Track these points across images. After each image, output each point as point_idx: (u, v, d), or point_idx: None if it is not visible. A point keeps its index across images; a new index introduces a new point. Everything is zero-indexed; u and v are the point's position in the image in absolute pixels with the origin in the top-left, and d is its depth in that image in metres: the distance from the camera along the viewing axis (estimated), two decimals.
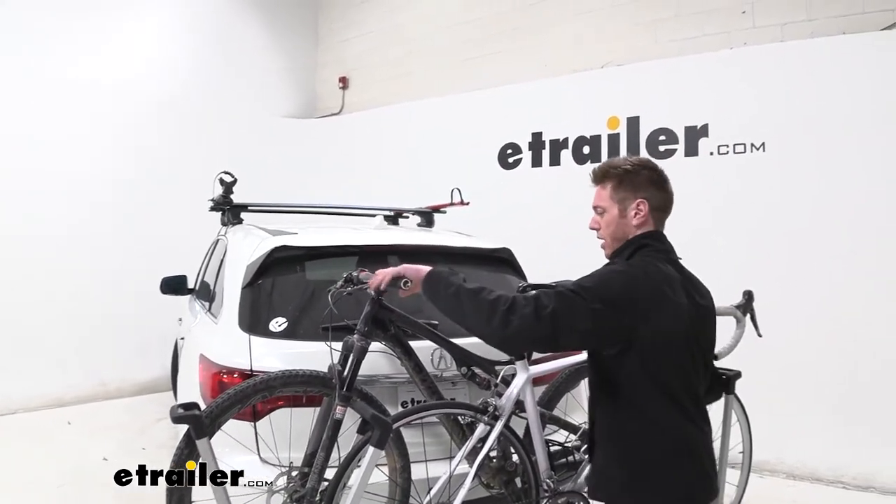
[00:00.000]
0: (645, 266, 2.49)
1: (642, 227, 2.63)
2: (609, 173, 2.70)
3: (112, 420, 7.32)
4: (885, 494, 5.71)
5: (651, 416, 2.42)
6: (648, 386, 2.41)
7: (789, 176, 6.29)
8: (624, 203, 2.64)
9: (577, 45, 8.04)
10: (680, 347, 2.45)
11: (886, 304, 5.81)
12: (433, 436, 3.77)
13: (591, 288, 2.37)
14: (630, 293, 2.38)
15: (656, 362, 2.40)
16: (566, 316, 2.32)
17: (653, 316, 2.37)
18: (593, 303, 2.32)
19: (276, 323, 3.79)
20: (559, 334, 2.34)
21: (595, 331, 2.37)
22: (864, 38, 6.12)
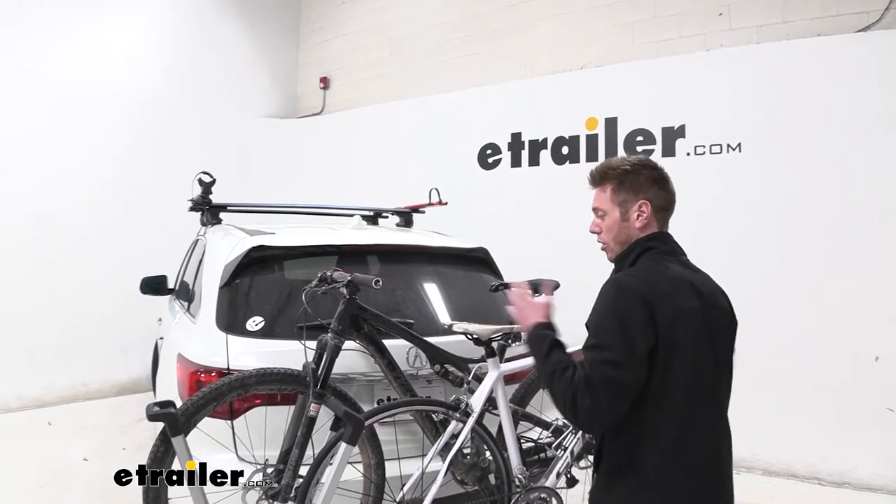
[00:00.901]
0: (651, 272, 2.36)
1: (646, 228, 2.49)
2: (608, 174, 2.55)
3: (92, 420, 7.32)
4: (860, 490, 5.80)
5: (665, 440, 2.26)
6: (662, 407, 2.26)
7: (765, 176, 6.36)
8: (625, 205, 2.50)
9: (555, 47, 8.09)
10: (694, 356, 2.28)
11: (863, 303, 5.90)
12: (408, 433, 3.81)
13: (609, 328, 2.24)
14: (641, 306, 2.23)
15: (672, 375, 2.25)
16: (618, 379, 2.17)
17: (664, 327, 2.23)
18: (621, 343, 2.19)
19: (254, 322, 3.82)
20: (623, 401, 2.22)
21: (642, 363, 2.21)
22: (838, 40, 6.19)
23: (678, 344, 2.24)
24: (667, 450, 2.25)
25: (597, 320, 2.30)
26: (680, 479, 2.27)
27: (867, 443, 5.83)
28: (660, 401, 2.24)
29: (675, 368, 2.24)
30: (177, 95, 9.40)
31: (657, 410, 2.25)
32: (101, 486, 5.49)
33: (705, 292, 2.38)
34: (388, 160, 9.20)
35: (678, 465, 2.26)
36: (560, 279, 4.10)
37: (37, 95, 8.00)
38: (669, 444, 2.25)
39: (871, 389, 5.81)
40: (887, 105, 5.86)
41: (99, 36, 8.70)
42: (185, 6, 9.72)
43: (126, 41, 8.99)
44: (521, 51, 8.41)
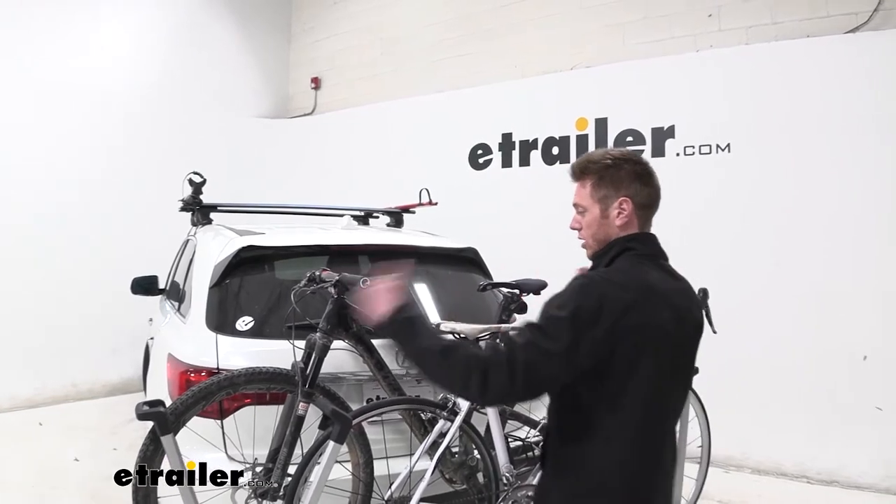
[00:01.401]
0: (625, 274, 2.26)
1: (626, 227, 2.35)
2: (588, 168, 2.41)
3: (83, 421, 7.31)
4: (848, 489, 5.83)
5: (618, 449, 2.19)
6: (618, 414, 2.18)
7: (755, 177, 6.39)
8: (605, 202, 2.36)
9: (546, 47, 8.11)
10: (657, 369, 2.19)
11: (850, 302, 5.93)
12: (396, 432, 3.83)
13: (559, 319, 2.12)
14: (603, 310, 2.11)
15: (632, 385, 2.16)
16: (541, 368, 2.09)
17: (628, 338, 2.13)
18: (563, 338, 2.08)
19: (243, 322, 3.84)
20: (541, 388, 2.18)
21: (574, 365, 2.11)
22: (828, 41, 6.22)
23: (641, 355, 2.15)
24: (618, 458, 2.19)
25: (553, 308, 2.16)
26: (627, 488, 2.21)
27: (856, 442, 5.85)
28: (616, 409, 2.17)
29: (636, 379, 2.15)
30: (167, 95, 9.38)
31: (613, 419, 2.17)
32: (93, 486, 5.50)
33: (678, 303, 2.29)
34: (379, 160, 9.21)
35: (628, 473, 2.20)
36: (549, 280, 4.13)
37: (28, 95, 7.98)
38: (621, 453, 2.19)
39: (860, 388, 5.84)
40: (877, 106, 5.89)
41: (90, 36, 8.69)
42: (175, 6, 9.71)
43: (117, 41, 8.98)
44: (512, 51, 8.42)
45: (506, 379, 2.05)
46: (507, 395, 2.23)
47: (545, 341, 2.09)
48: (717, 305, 4.43)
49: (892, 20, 6.06)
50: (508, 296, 4.27)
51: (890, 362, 5.75)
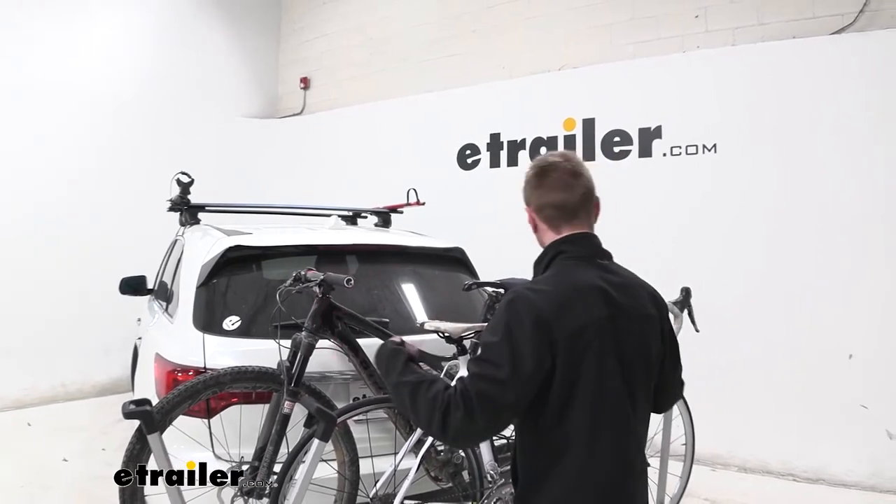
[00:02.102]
0: (552, 281, 2.26)
1: (539, 232, 2.43)
2: None
3: (72, 421, 7.31)
4: (834, 486, 5.87)
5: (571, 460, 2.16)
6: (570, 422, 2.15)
7: (740, 176, 6.43)
8: (528, 215, 2.47)
9: (534, 48, 8.15)
10: (599, 371, 2.16)
11: (835, 301, 5.99)
12: (382, 431, 3.85)
13: (495, 344, 2.13)
14: (535, 321, 2.11)
15: (575, 393, 2.14)
16: (496, 397, 2.09)
17: (565, 345, 2.12)
18: (504, 362, 2.09)
19: (230, 321, 3.86)
20: (502, 417, 2.17)
21: (528, 385, 2.11)
22: (814, 42, 6.27)
23: (580, 360, 2.14)
24: (573, 470, 2.16)
25: (488, 335, 2.20)
26: (589, 500, 2.17)
27: (841, 440, 5.90)
28: (563, 421, 2.14)
29: (579, 386, 2.14)
30: (156, 95, 9.37)
31: (560, 431, 2.15)
32: (82, 486, 5.53)
33: (619, 300, 2.25)
34: (368, 160, 9.23)
35: (586, 485, 2.16)
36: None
37: (15, 94, 7.97)
38: (576, 465, 2.16)
39: (845, 387, 5.88)
40: (864, 106, 5.95)
41: (78, 36, 8.68)
42: (164, 6, 9.70)
43: (105, 41, 8.98)
44: (500, 52, 8.46)
45: (463, 415, 2.07)
46: (470, 433, 2.18)
47: (490, 369, 2.10)
48: (704, 305, 4.47)
49: (877, 21, 6.12)
50: (493, 295, 4.31)
51: (875, 361, 5.81)
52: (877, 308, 5.83)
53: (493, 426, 2.19)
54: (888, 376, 5.76)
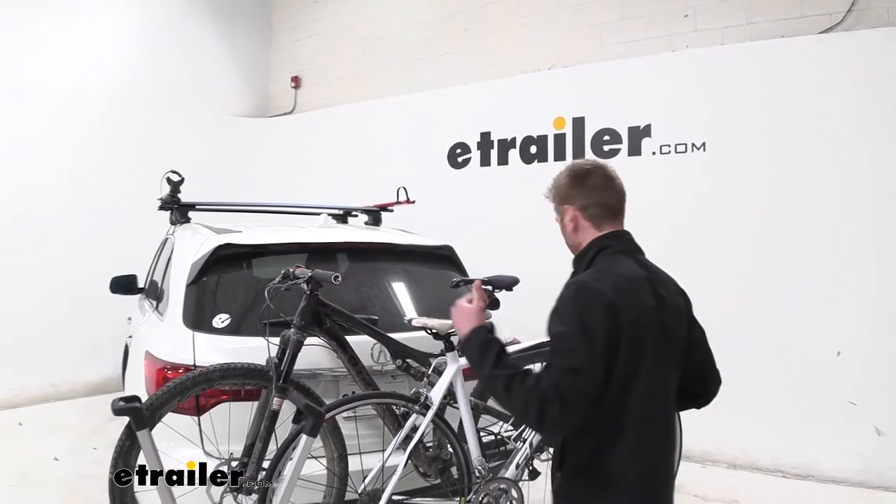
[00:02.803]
0: (610, 273, 2.35)
1: (579, 230, 2.52)
2: (549, 193, 2.66)
3: (63, 421, 7.30)
4: (823, 482, 5.91)
5: (629, 441, 2.27)
6: (629, 407, 2.26)
7: (729, 174, 6.46)
8: (561, 215, 2.56)
9: (524, 47, 8.16)
10: (654, 356, 2.29)
11: (825, 299, 6.03)
12: (371, 428, 3.88)
13: (568, 334, 2.22)
14: (603, 308, 2.21)
15: (636, 377, 2.25)
16: (581, 386, 2.17)
17: (628, 330, 2.23)
18: (582, 349, 2.18)
19: (220, 319, 3.88)
20: (588, 404, 2.20)
21: (602, 368, 2.19)
22: (802, 41, 6.30)
23: (640, 346, 2.25)
24: (630, 450, 2.27)
25: (559, 325, 2.26)
26: (642, 479, 2.30)
27: (830, 436, 5.95)
28: (624, 402, 2.24)
29: (639, 370, 2.24)
30: (146, 94, 9.36)
31: (621, 412, 2.25)
32: (72, 484, 5.54)
33: (661, 292, 2.39)
34: (359, 159, 9.24)
35: (640, 464, 2.28)
36: (525, 277, 4.18)
37: (4, 94, 7.95)
38: (633, 445, 2.26)
39: (834, 384, 5.92)
40: (851, 106, 5.98)
41: (67, 35, 8.66)
42: (154, 5, 9.68)
43: (95, 40, 8.95)
44: (491, 51, 8.47)
45: (559, 410, 2.14)
46: (565, 425, 2.26)
47: (571, 360, 2.18)
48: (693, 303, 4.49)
49: (865, 20, 6.14)
50: None
51: (863, 358, 5.85)
52: (864, 305, 5.86)
53: (585, 414, 2.21)
54: (876, 373, 5.80)
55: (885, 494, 5.66)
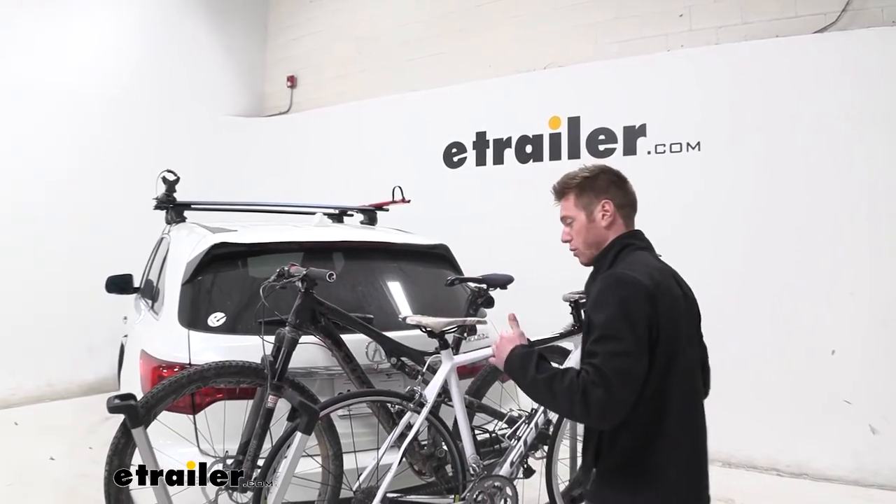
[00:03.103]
0: (644, 265, 2.42)
1: (612, 226, 2.60)
2: (568, 185, 2.67)
3: (59, 420, 7.31)
4: (818, 481, 5.93)
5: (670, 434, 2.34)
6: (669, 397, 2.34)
7: (723, 173, 6.48)
8: (589, 208, 2.61)
9: (520, 47, 8.18)
10: (685, 347, 2.39)
11: (819, 298, 6.05)
12: (366, 426, 3.88)
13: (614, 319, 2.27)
14: (644, 296, 2.29)
15: (672, 368, 2.33)
16: (630, 368, 2.23)
17: (665, 319, 2.31)
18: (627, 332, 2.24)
19: (215, 318, 3.88)
20: (636, 386, 2.24)
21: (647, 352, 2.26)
22: (797, 40, 6.32)
23: (676, 334, 2.33)
24: (672, 442, 2.33)
25: (602, 313, 2.32)
26: (683, 470, 2.36)
27: (825, 435, 5.97)
28: (665, 393, 2.31)
29: (675, 361, 2.32)
30: (141, 94, 9.35)
31: (663, 403, 2.32)
32: (69, 484, 5.54)
33: (683, 284, 2.52)
34: (355, 159, 9.24)
35: (682, 455, 2.36)
36: (522, 276, 4.20)
37: (2, 96, 7.96)
38: (674, 436, 2.33)
39: (829, 382, 5.94)
40: (847, 105, 6.00)
41: (63, 35, 8.65)
42: (150, 4, 9.68)
43: (90, 39, 8.95)
44: (486, 51, 8.49)
45: (603, 393, 2.19)
46: (612, 407, 2.23)
47: (617, 344, 2.24)
48: None
49: (859, 20, 6.17)
50: (476, 290, 4.34)
51: (857, 357, 5.87)
52: (859, 304, 5.88)
53: (632, 396, 2.24)
54: (871, 372, 5.82)
55: (880, 493, 5.68)
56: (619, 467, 2.40)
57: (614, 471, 2.42)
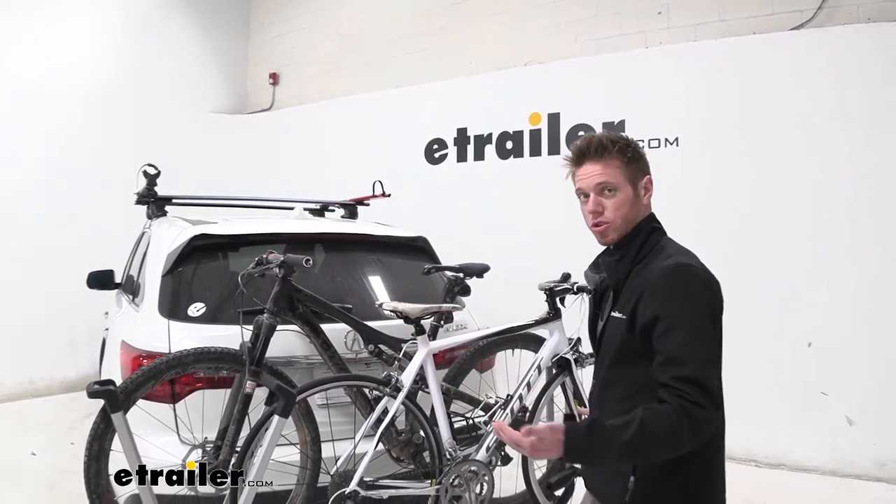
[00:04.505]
0: (686, 252, 2.25)
1: (646, 206, 2.32)
2: (608, 147, 2.26)
3: (41, 417, 7.29)
4: (795, 471, 6.00)
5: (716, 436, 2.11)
6: None
7: (701, 169, 6.55)
8: (634, 181, 2.27)
9: (500, 44, 8.23)
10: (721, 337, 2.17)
11: (796, 291, 6.12)
12: (346, 415, 3.91)
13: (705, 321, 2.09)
14: (717, 292, 2.17)
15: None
16: (719, 368, 2.08)
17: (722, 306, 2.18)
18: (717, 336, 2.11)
19: (195, 308, 3.91)
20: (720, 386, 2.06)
21: None
22: (774, 37, 6.40)
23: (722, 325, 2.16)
24: (721, 431, 2.17)
25: (688, 313, 2.07)
26: (718, 474, 2.21)
27: (802, 426, 6.03)
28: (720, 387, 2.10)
29: (721, 351, 2.14)
30: (123, 91, 9.34)
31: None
32: (51, 479, 5.53)
33: None
34: (337, 155, 9.27)
35: (720, 459, 2.21)
36: (502, 271, 4.24)
37: None
38: (717, 440, 2.15)
39: (806, 374, 6.01)
40: (826, 101, 6.07)
41: (44, 32, 8.63)
42: (132, 1, 9.68)
43: (71, 36, 8.94)
44: (467, 48, 8.54)
45: (712, 411, 1.95)
46: (716, 420, 2.00)
47: (710, 348, 2.07)
48: None
49: (836, 17, 6.24)
50: (452, 279, 4.40)
51: (833, 349, 5.93)
52: (837, 297, 5.95)
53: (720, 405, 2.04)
54: (847, 364, 5.88)
55: (857, 482, 5.75)
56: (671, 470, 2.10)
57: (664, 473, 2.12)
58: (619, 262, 2.28)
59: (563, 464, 4.17)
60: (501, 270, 4.75)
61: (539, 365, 4.09)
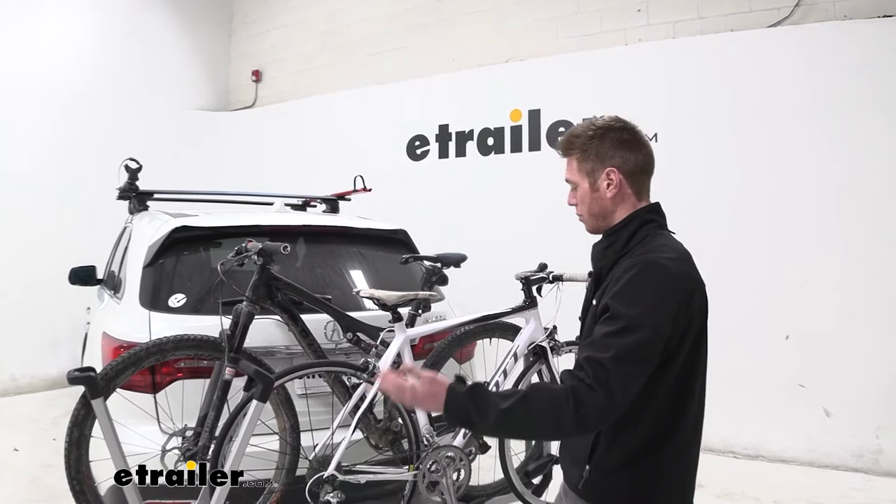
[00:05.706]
0: (673, 249, 2.16)
1: (619, 197, 2.22)
2: (573, 143, 2.27)
3: (23, 413, 7.31)
4: (773, 462, 6.10)
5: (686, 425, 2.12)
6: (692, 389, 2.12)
7: (677, 163, 6.52)
8: (593, 175, 2.23)
9: (481, 41, 8.31)
10: (706, 338, 2.16)
11: (773, 284, 6.23)
12: (325, 405, 3.94)
13: (642, 316, 1.96)
14: (678, 290, 2.04)
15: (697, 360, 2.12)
16: (640, 372, 1.95)
17: (699, 312, 2.10)
18: (653, 335, 1.95)
19: (176, 299, 3.92)
20: (632, 392, 1.94)
21: (659, 356, 1.99)
22: (751, 34, 6.50)
23: (703, 327, 2.12)
24: (686, 435, 2.13)
25: (634, 305, 1.98)
26: (691, 464, 2.19)
27: (780, 417, 6.13)
28: (689, 385, 2.09)
29: (700, 352, 2.11)
30: (105, 87, 9.36)
31: (687, 395, 2.09)
32: (33, 473, 5.59)
33: None
34: (319, 152, 9.32)
35: (691, 450, 2.17)
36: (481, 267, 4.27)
37: None
38: (689, 430, 2.13)
39: (783, 367, 6.11)
40: (806, 97, 6.17)
41: (25, 28, 8.64)
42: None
43: (53, 33, 8.94)
44: (448, 45, 8.61)
45: (603, 400, 1.88)
46: (608, 413, 1.92)
47: (640, 343, 1.95)
48: None
49: (812, 15, 6.34)
50: (430, 268, 4.45)
51: (811, 341, 6.03)
52: (814, 290, 6.04)
53: (629, 402, 1.94)
54: (824, 356, 5.98)
55: (834, 473, 5.84)
56: (632, 461, 2.10)
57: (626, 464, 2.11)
58: (605, 250, 2.25)
59: (540, 451, 4.23)
60: (481, 265, 4.78)
61: (515, 353, 4.16)
